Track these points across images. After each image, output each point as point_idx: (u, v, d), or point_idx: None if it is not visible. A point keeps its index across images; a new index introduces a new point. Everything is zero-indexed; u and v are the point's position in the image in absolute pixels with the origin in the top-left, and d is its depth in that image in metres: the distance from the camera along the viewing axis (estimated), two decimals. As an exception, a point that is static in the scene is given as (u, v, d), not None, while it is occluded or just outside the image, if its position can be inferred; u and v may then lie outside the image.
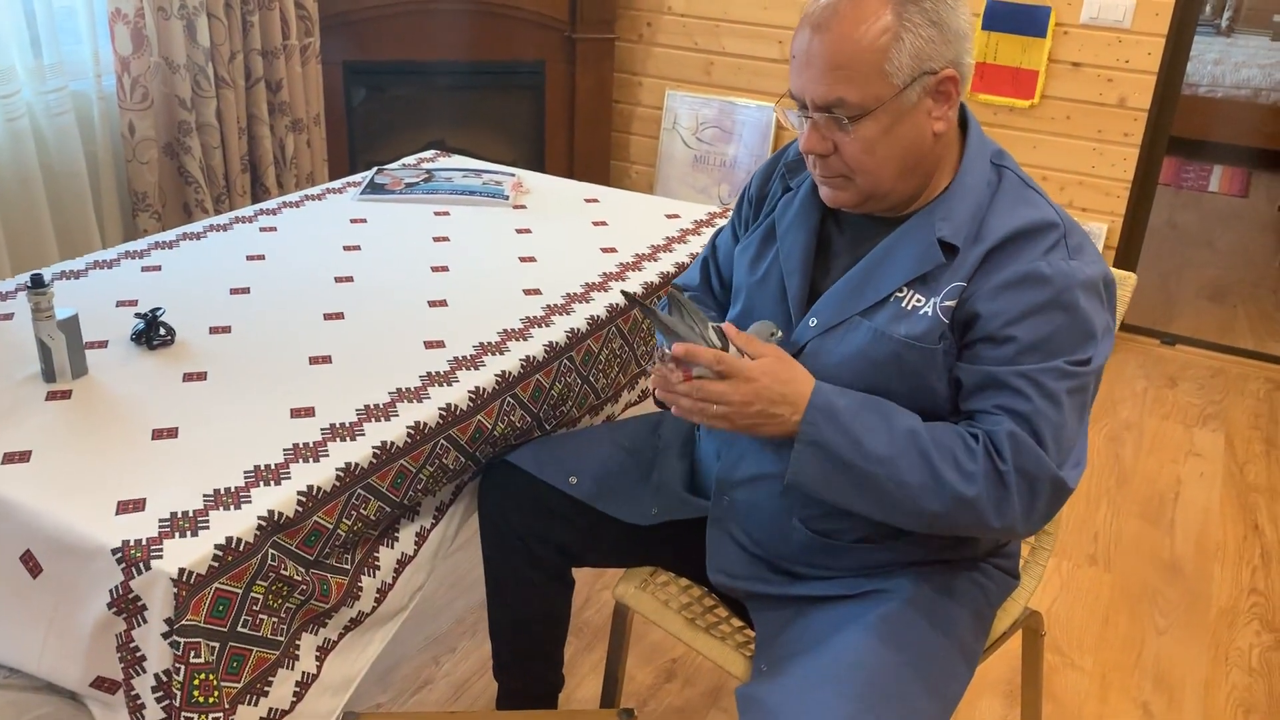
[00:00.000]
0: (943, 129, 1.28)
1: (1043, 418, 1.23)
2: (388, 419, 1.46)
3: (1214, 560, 2.57)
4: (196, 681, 1.16)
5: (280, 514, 1.27)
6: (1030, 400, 1.23)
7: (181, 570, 1.15)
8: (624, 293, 1.29)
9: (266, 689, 1.26)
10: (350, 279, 1.90)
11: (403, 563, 1.50)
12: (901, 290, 1.31)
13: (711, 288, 1.65)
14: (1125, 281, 1.60)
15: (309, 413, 1.46)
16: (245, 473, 1.32)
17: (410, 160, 2.63)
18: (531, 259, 2.04)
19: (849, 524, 1.38)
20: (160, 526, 1.21)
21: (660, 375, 1.30)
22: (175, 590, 1.15)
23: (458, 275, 1.94)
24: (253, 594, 1.23)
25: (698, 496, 1.54)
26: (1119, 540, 2.63)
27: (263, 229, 2.12)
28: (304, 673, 1.33)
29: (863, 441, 1.24)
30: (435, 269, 1.96)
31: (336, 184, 2.42)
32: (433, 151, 2.72)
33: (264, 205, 2.24)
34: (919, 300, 1.29)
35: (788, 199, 1.46)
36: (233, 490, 1.28)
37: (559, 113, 4.12)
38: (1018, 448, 1.22)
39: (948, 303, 1.27)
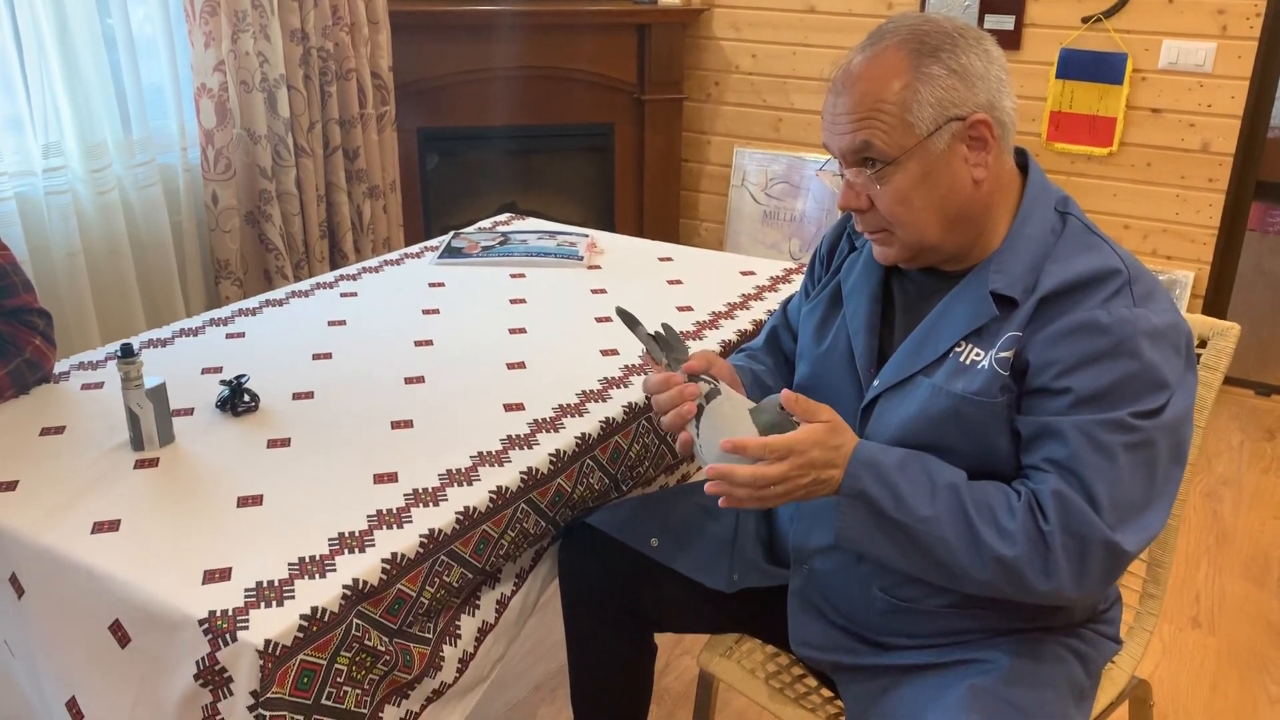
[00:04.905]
0: (983, 176, 1.25)
1: (1093, 472, 1.16)
2: (469, 484, 1.44)
3: (1326, 623, 2.44)
4: (282, 755, 1.15)
5: (365, 582, 1.26)
6: (1079, 454, 1.16)
7: (267, 642, 1.14)
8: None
9: (350, 762, 1.24)
10: (430, 342, 1.90)
11: (484, 631, 1.47)
12: (960, 345, 1.27)
13: (781, 348, 1.62)
14: (1228, 333, 1.54)
15: (392, 478, 1.45)
16: (330, 540, 1.31)
17: (485, 224, 2.65)
18: (608, 319, 2.03)
19: (931, 589, 1.32)
20: (246, 596, 1.20)
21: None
22: (261, 662, 1.14)
23: (535, 337, 1.94)
24: (337, 665, 1.22)
25: (779, 564, 1.50)
26: (1222, 602, 2.50)
27: (343, 294, 2.14)
28: (387, 745, 1.31)
29: (904, 495, 1.20)
30: (513, 331, 1.96)
31: (414, 249, 2.44)
32: (507, 215, 2.75)
33: (344, 271, 2.27)
34: (977, 355, 1.25)
35: (854, 258, 1.45)
36: (317, 559, 1.27)
37: (628, 173, 4.15)
38: (1063, 507, 1.16)
39: (1004, 354, 1.23)
